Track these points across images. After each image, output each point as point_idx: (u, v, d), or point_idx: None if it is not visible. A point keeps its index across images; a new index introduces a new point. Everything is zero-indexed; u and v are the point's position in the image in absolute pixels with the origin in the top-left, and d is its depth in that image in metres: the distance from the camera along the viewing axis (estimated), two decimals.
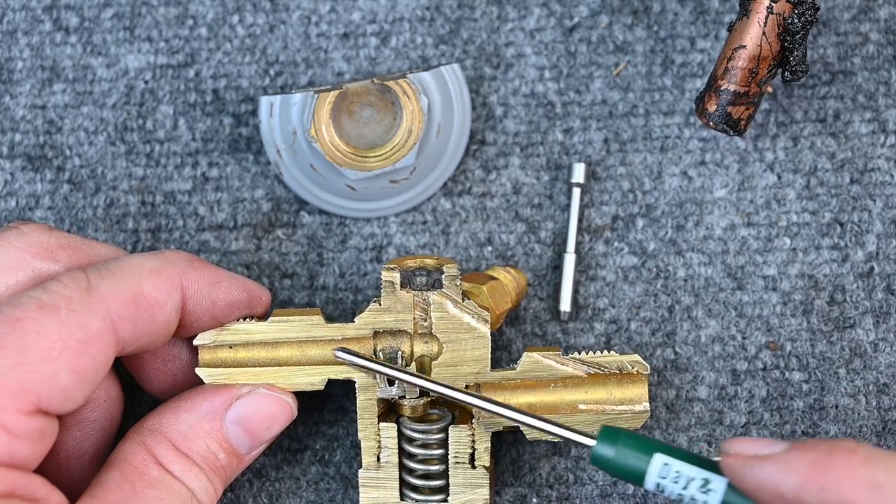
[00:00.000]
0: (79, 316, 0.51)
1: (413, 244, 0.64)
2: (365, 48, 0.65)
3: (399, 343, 0.58)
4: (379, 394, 0.57)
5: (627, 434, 0.53)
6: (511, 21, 0.65)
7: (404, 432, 0.58)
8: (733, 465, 0.51)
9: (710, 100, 0.59)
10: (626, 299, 0.63)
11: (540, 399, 0.58)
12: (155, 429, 0.55)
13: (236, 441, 0.56)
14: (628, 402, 0.58)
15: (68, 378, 0.50)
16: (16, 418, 0.49)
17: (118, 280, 0.53)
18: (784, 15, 0.58)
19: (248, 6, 0.66)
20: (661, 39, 0.65)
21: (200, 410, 0.56)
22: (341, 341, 0.58)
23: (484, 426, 0.58)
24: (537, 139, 0.64)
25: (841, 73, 0.64)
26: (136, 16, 0.66)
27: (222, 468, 0.56)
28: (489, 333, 0.58)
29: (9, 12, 0.66)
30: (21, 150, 0.65)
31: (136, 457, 0.54)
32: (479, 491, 0.57)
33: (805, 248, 0.63)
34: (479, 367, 0.58)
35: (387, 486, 0.58)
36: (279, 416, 0.57)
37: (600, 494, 0.62)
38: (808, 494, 0.49)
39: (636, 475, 0.52)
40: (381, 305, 0.58)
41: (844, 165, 0.63)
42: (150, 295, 0.53)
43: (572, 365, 0.58)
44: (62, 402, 0.50)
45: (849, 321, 0.62)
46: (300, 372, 0.58)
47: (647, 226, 0.64)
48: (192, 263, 0.56)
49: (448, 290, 0.58)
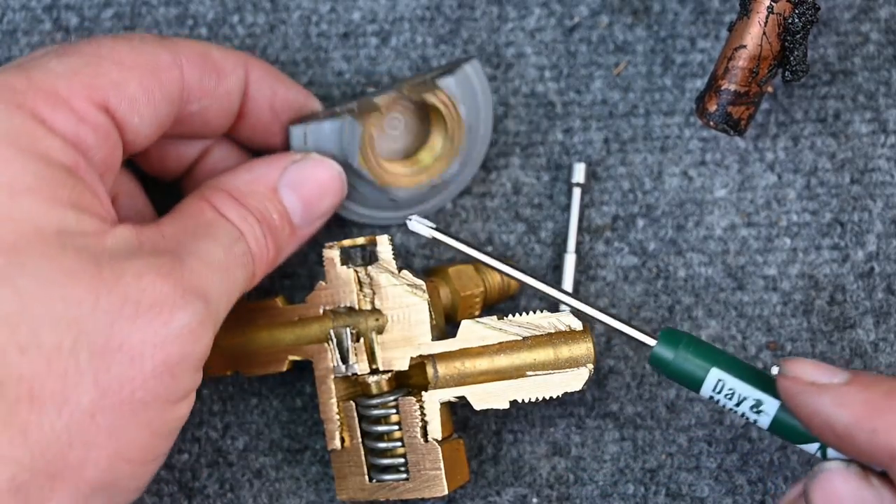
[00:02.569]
0: (150, 46, 0.54)
1: (413, 244, 0.64)
2: (365, 48, 0.65)
3: (353, 321, 0.58)
4: (335, 373, 0.58)
5: (689, 339, 0.53)
6: (511, 21, 0.65)
7: (362, 412, 0.58)
8: (789, 388, 0.50)
9: (710, 100, 0.59)
10: (627, 299, 0.63)
11: (490, 366, 0.57)
12: (213, 185, 0.56)
13: (290, 206, 0.57)
14: (574, 363, 0.57)
15: (136, 89, 0.53)
16: (84, 104, 0.51)
17: (191, 42, 0.56)
18: (784, 15, 0.58)
19: (248, 6, 0.66)
20: (662, 39, 0.65)
21: (258, 171, 0.57)
22: (297, 322, 0.59)
23: (436, 399, 0.57)
24: (537, 139, 0.64)
25: (841, 73, 0.64)
26: (136, 16, 0.66)
27: (276, 228, 0.56)
28: (427, 303, 0.58)
29: (9, 12, 0.66)
30: None
31: (192, 205, 0.55)
32: (433, 464, 0.57)
33: (805, 248, 0.63)
34: (422, 338, 0.58)
35: (353, 466, 0.58)
36: (330, 185, 0.58)
37: (600, 494, 0.62)
38: (859, 433, 0.48)
39: (693, 383, 0.53)
40: (325, 284, 0.59)
41: (845, 165, 0.63)
42: (217, 59, 0.56)
43: (507, 327, 0.58)
44: (129, 111, 0.53)
45: (849, 321, 0.62)
46: (268, 356, 0.59)
47: (647, 226, 0.64)
48: (256, 58, 0.59)
49: (384, 263, 0.58)
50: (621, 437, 0.62)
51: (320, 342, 0.59)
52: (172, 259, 0.51)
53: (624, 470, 0.62)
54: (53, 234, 0.49)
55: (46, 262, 0.48)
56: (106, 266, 0.49)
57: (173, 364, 0.50)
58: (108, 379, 0.49)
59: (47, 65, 0.51)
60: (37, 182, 0.49)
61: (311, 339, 0.59)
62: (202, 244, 0.53)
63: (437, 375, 0.58)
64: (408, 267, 0.62)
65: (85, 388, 0.48)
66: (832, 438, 0.50)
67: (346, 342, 0.58)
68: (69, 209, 0.49)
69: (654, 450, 0.62)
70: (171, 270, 0.50)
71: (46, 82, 0.51)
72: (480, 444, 0.62)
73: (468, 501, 0.62)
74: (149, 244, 0.52)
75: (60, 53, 0.52)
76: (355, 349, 0.58)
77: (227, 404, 0.64)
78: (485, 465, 0.62)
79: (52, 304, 0.48)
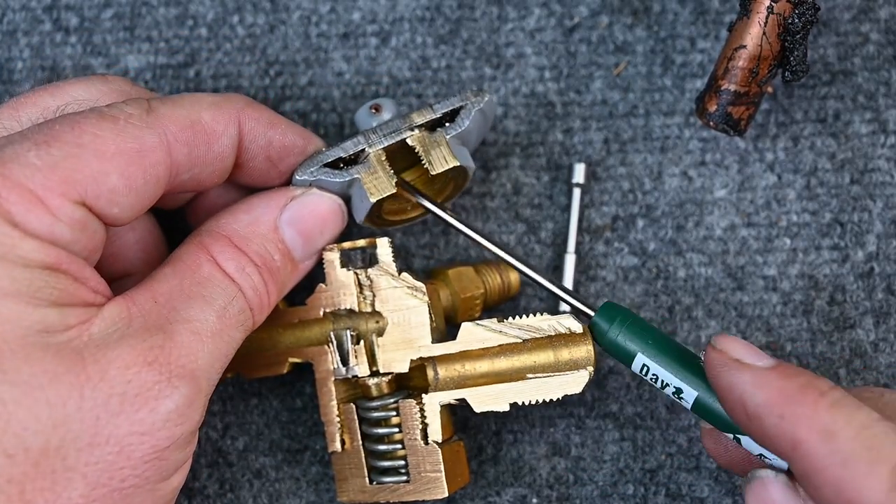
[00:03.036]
0: (135, 129, 0.52)
1: (413, 244, 0.64)
2: (365, 48, 0.65)
3: (353, 323, 0.58)
4: (335, 375, 0.58)
5: (624, 316, 0.55)
6: (511, 21, 0.65)
7: (362, 414, 0.58)
8: (715, 359, 0.52)
9: (710, 100, 0.59)
10: (627, 299, 0.63)
11: (490, 368, 0.57)
12: (212, 229, 0.56)
13: (291, 243, 0.57)
14: (574, 365, 0.57)
15: (117, 181, 0.51)
16: (59, 201, 0.50)
17: (178, 107, 0.54)
18: (784, 15, 0.58)
19: (248, 6, 0.66)
20: (662, 39, 0.65)
21: (257, 211, 0.57)
22: (297, 324, 0.59)
23: (436, 402, 0.58)
24: (537, 139, 0.64)
25: (841, 73, 0.64)
26: (136, 16, 0.66)
27: (277, 270, 0.56)
28: (427, 305, 0.58)
29: (9, 12, 0.66)
30: None
31: (190, 255, 0.55)
32: (434, 467, 0.57)
33: (805, 249, 0.63)
34: (422, 340, 0.58)
35: (353, 468, 0.58)
36: (330, 219, 0.58)
37: (600, 494, 0.62)
38: (766, 417, 0.50)
39: (623, 360, 0.56)
40: (325, 286, 0.59)
41: (844, 165, 0.63)
42: (207, 124, 0.54)
43: (507, 330, 0.58)
44: (107, 203, 0.51)
45: (849, 321, 0.62)
46: (268, 358, 0.60)
47: (647, 226, 0.64)
48: (250, 103, 0.57)
49: (384, 265, 0.58)
50: (621, 438, 0.62)
51: (320, 344, 0.59)
52: (162, 338, 0.51)
53: (624, 470, 0.62)
54: (35, 334, 0.49)
55: (28, 367, 0.48)
56: (90, 360, 0.49)
57: (162, 448, 0.50)
58: (97, 472, 0.49)
59: (25, 156, 0.50)
60: (14, 286, 0.48)
61: (312, 342, 0.59)
62: (195, 309, 0.52)
63: (437, 378, 0.58)
64: (408, 269, 0.62)
65: (74, 483, 0.48)
66: (742, 417, 0.51)
67: (346, 345, 0.58)
68: (50, 307, 0.49)
69: (654, 450, 0.62)
70: (159, 355, 0.50)
71: (22, 179, 0.49)
72: (480, 445, 0.62)
73: (468, 502, 0.62)
74: (138, 319, 0.51)
75: (40, 142, 0.50)
76: (355, 351, 0.58)
77: (227, 404, 0.64)
78: (485, 465, 0.62)
79: (35, 408, 0.48)
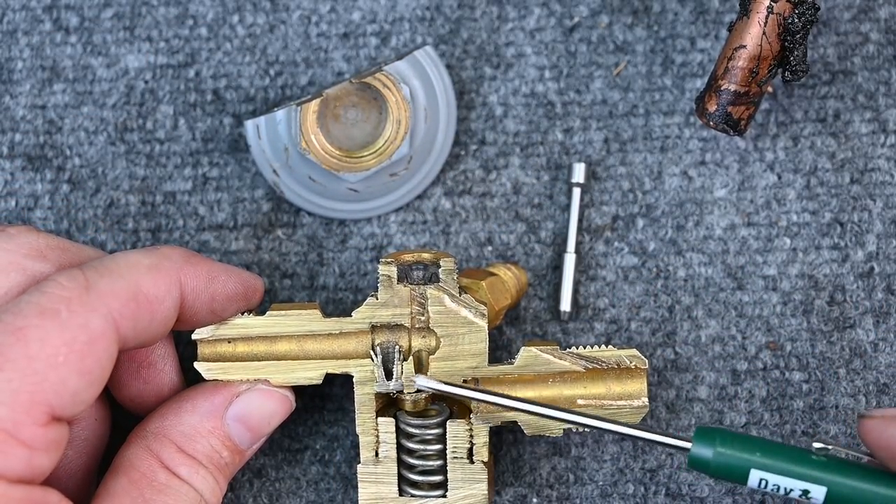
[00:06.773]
0: (80, 317, 0.50)
1: (413, 244, 0.64)
2: (365, 48, 0.65)
3: (397, 337, 0.58)
4: (377, 388, 0.57)
5: (723, 436, 0.53)
6: (511, 21, 0.65)
7: (402, 427, 0.58)
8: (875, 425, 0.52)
9: (710, 100, 0.59)
10: (627, 299, 0.63)
11: (538, 394, 0.58)
12: (158, 432, 0.55)
13: (238, 438, 0.56)
14: (627, 398, 0.58)
15: (77, 382, 0.50)
16: (33, 431, 0.48)
17: (116, 277, 0.52)
18: (784, 15, 0.58)
19: (248, 6, 0.66)
20: (662, 39, 0.65)
21: (201, 410, 0.56)
22: (339, 335, 0.58)
23: (482, 421, 0.57)
24: (537, 139, 0.64)
25: (841, 73, 0.64)
26: (136, 16, 0.66)
27: (226, 465, 0.56)
28: (487, 327, 0.58)
29: (9, 12, 0.66)
30: (21, 150, 0.65)
31: (142, 462, 0.54)
32: (477, 486, 0.57)
33: (805, 248, 0.63)
34: (477, 362, 0.58)
35: (385, 481, 0.58)
36: (278, 411, 0.57)
37: (600, 494, 0.62)
38: None
39: (737, 479, 0.53)
40: (378, 300, 0.58)
41: (844, 165, 0.63)
42: (149, 293, 0.53)
43: (570, 359, 0.58)
44: (73, 406, 0.50)
45: (849, 321, 0.62)
46: (298, 366, 0.58)
47: (647, 226, 0.64)
48: (188, 259, 0.55)
49: (445, 285, 0.58)
50: (621, 437, 0.62)
51: (359, 357, 0.58)
52: None
53: (624, 470, 0.62)
54: None
55: None
56: None
57: None
58: None
59: None
60: None
61: (350, 354, 0.58)
62: None
63: None
64: None
65: None
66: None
67: (393, 359, 0.57)
68: None
69: (654, 450, 0.62)
70: None
71: None
72: None
73: None
74: None
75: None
76: (401, 367, 0.57)
77: None
78: None
79: None
